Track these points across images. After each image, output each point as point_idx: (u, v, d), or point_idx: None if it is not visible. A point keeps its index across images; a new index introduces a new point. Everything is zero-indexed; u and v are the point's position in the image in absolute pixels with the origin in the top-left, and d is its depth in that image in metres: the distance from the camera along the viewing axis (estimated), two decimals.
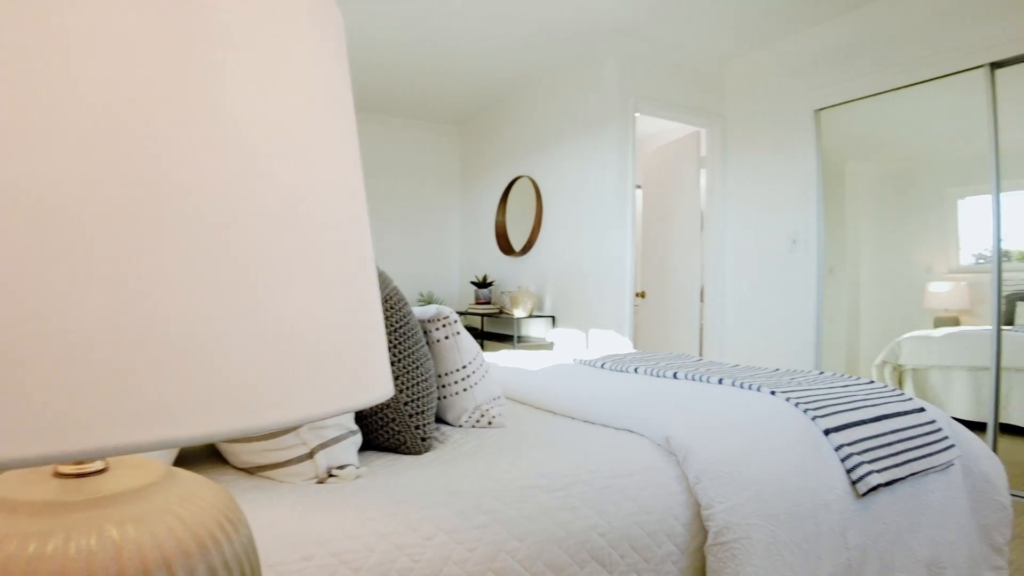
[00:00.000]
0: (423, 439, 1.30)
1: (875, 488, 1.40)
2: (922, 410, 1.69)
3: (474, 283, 5.20)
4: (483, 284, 5.17)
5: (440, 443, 1.40)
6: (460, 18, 3.76)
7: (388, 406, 1.27)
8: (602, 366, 2.33)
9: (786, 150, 4.00)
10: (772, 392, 1.69)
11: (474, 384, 1.54)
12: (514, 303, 4.64)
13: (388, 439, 1.29)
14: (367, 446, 1.34)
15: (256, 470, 1.13)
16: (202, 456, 1.26)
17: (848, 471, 1.43)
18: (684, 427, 1.36)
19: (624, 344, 4.02)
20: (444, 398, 1.54)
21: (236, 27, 0.34)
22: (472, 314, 5.13)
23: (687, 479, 1.25)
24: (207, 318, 0.31)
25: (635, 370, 2.18)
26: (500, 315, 4.84)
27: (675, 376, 2.03)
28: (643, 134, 6.08)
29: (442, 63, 4.50)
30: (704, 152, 4.55)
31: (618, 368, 2.25)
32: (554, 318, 4.65)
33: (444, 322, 1.53)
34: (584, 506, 1.11)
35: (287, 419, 0.34)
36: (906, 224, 3.74)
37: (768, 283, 4.10)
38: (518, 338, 4.82)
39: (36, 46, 0.27)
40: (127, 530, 0.37)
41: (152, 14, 0.30)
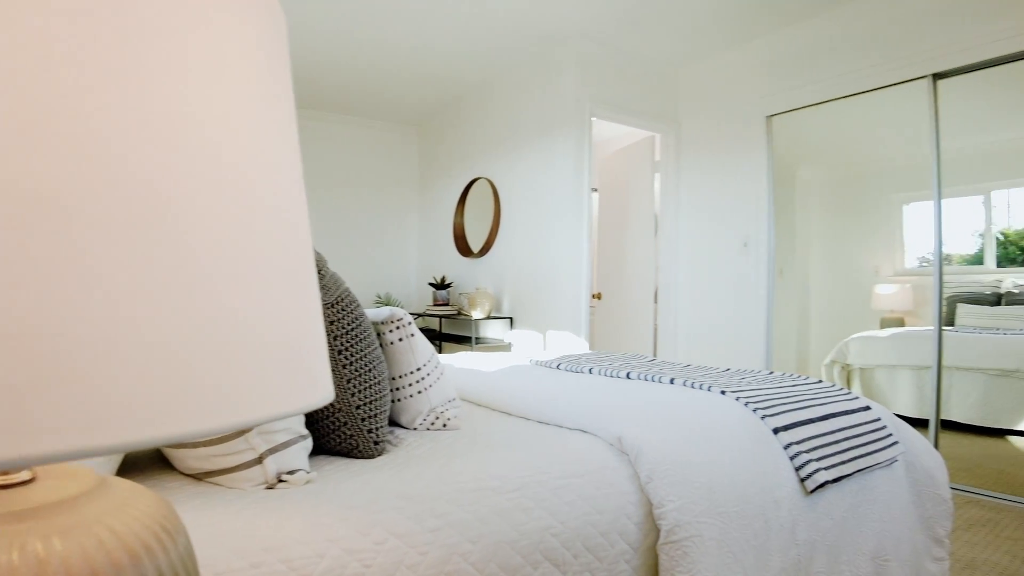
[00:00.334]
0: (376, 442, 1.28)
1: (823, 485, 1.44)
2: (868, 408, 1.74)
3: (432, 284, 5.17)
4: (441, 286, 5.14)
5: (394, 446, 1.38)
6: (420, 17, 3.73)
7: (340, 409, 1.25)
8: (558, 367, 2.34)
9: (738, 155, 4.09)
10: (723, 392, 1.72)
11: (429, 386, 1.53)
12: (472, 304, 4.63)
13: (340, 443, 1.27)
14: (319, 450, 1.31)
15: (204, 476, 1.10)
16: (148, 462, 1.22)
17: (796, 469, 1.46)
18: (636, 427, 1.38)
19: (580, 345, 4.05)
20: (398, 401, 1.53)
21: (167, 21, 0.33)
22: (430, 315, 5.10)
23: (639, 478, 1.27)
24: (134, 320, 0.30)
25: (590, 370, 2.20)
26: (458, 316, 4.83)
27: (628, 376, 2.05)
28: (599, 138, 6.14)
29: (400, 62, 4.47)
30: (659, 156, 4.62)
31: (573, 369, 2.26)
32: (512, 319, 4.65)
33: (398, 324, 1.51)
34: (538, 507, 1.11)
35: (219, 426, 0.33)
36: (854, 228, 3.86)
37: (720, 284, 4.19)
38: (476, 339, 4.82)
39: None
40: (52, 543, 0.36)
41: (77, 8, 0.29)
